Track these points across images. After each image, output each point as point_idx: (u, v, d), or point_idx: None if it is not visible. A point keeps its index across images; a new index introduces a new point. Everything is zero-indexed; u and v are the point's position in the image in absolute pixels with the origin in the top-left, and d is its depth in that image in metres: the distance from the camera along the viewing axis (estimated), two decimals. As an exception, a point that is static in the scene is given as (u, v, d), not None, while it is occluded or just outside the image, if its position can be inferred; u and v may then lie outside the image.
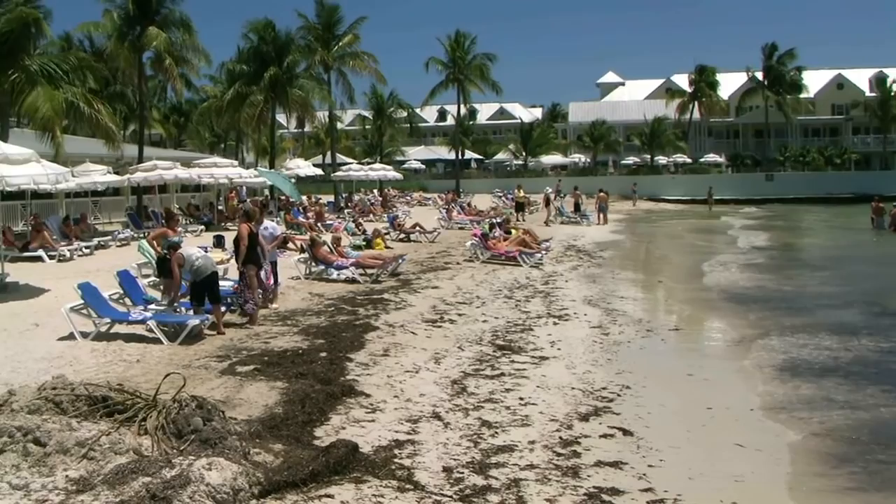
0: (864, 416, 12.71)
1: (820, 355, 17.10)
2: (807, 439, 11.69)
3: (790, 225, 62.81)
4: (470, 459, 9.87)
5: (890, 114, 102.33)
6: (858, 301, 24.75)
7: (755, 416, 12.69)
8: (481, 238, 31.88)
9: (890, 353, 17.52)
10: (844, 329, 19.89)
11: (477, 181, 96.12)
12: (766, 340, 18.59)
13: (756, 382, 14.77)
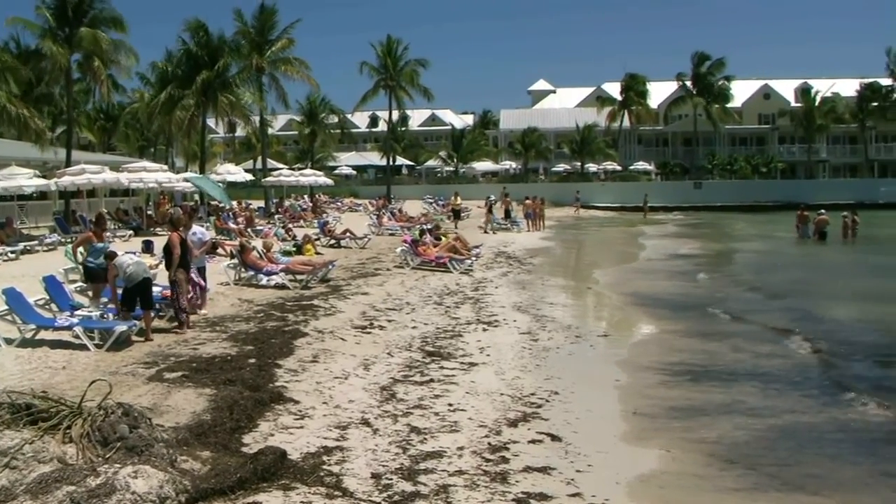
0: (777, 423, 12.92)
1: (741, 361, 17.42)
2: (722, 444, 11.85)
3: (718, 232, 63.51)
4: (399, 466, 9.89)
5: (814, 124, 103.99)
6: (782, 308, 25.18)
7: (677, 422, 12.85)
8: (412, 244, 31.90)
9: (813, 359, 17.83)
10: (769, 335, 20.26)
11: (408, 187, 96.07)
12: (692, 347, 18.87)
13: (680, 389, 14.96)
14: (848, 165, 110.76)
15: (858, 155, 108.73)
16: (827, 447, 11.85)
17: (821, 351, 18.43)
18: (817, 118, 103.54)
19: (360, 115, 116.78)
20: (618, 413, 13.13)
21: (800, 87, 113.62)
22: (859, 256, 43.82)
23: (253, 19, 65.41)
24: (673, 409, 13.53)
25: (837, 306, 25.83)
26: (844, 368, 17.01)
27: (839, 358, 17.84)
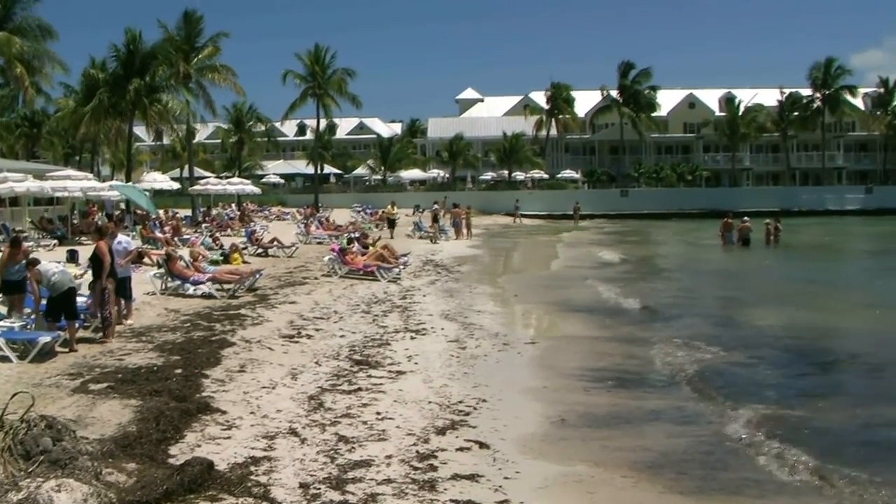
0: (702, 429, 13.10)
1: (666, 366, 17.63)
2: (650, 450, 11.98)
3: (644, 240, 64.22)
4: (327, 475, 9.89)
5: (738, 133, 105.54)
6: (706, 314, 25.55)
7: (605, 428, 12.98)
8: (339, 253, 31.86)
9: (742, 364, 18.13)
10: (692, 340, 20.51)
11: (336, 196, 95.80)
12: (619, 353, 19.07)
13: (607, 395, 15.10)
14: (770, 173, 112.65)
15: (781, 163, 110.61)
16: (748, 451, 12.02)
17: (745, 357, 18.76)
18: (741, 127, 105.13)
19: (287, 124, 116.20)
20: (546, 420, 13.21)
21: (724, 96, 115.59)
22: (781, 263, 44.66)
23: (177, 28, 64.95)
24: (600, 415, 13.65)
25: (759, 312, 26.19)
26: (763, 373, 17.32)
27: (763, 364, 18.14)
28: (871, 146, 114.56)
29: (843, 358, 19.46)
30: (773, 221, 51.94)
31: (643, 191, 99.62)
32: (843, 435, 13.08)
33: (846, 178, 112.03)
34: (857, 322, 24.51)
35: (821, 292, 31.78)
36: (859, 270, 42.37)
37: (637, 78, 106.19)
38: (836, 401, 15.08)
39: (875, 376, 17.51)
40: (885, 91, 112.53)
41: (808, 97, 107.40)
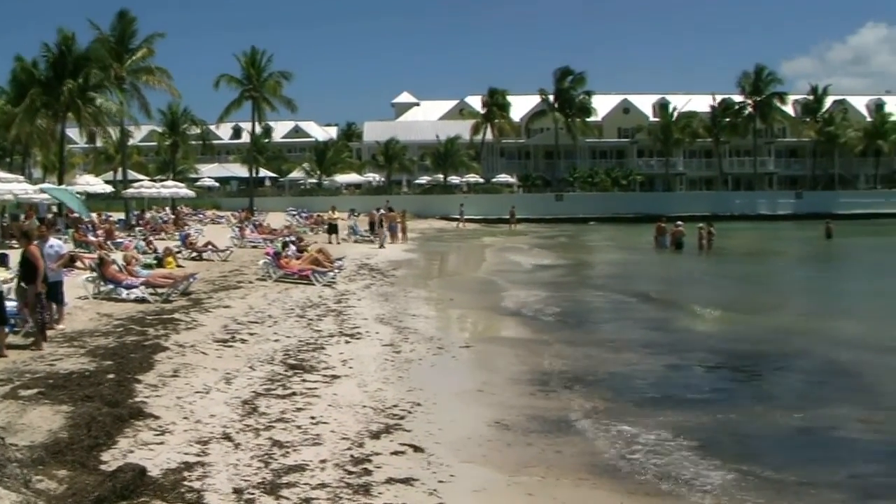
0: (644, 429, 13.23)
1: (601, 368, 17.85)
2: (585, 453, 12.11)
3: (579, 244, 64.64)
4: (261, 480, 9.85)
5: (672, 138, 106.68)
6: (637, 316, 25.84)
7: (539, 430, 13.06)
8: (274, 256, 31.71)
9: (672, 367, 18.38)
10: (623, 343, 20.80)
11: (271, 199, 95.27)
12: (554, 356, 19.19)
13: (542, 398, 15.21)
14: (703, 178, 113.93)
15: (713, 168, 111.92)
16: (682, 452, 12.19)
17: (675, 360, 19.03)
18: (674, 133, 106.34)
19: (222, 127, 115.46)
20: (480, 423, 13.25)
21: (658, 102, 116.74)
22: (713, 267, 45.17)
23: (110, 29, 64.23)
24: (534, 418, 13.73)
25: (688, 316, 26.49)
26: (690, 377, 17.59)
27: (689, 368, 18.42)
28: (801, 152, 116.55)
29: (768, 361, 19.71)
30: (706, 226, 52.47)
31: (578, 195, 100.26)
32: (765, 436, 13.30)
33: (777, 183, 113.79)
34: (783, 326, 24.85)
35: (751, 296, 32.32)
36: (789, 275, 43.07)
37: (572, 83, 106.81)
38: (759, 403, 15.29)
39: (799, 379, 17.80)
40: (814, 98, 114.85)
41: (739, 103, 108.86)
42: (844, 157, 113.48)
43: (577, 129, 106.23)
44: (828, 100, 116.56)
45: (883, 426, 13.85)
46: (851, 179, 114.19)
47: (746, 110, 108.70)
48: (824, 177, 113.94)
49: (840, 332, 23.53)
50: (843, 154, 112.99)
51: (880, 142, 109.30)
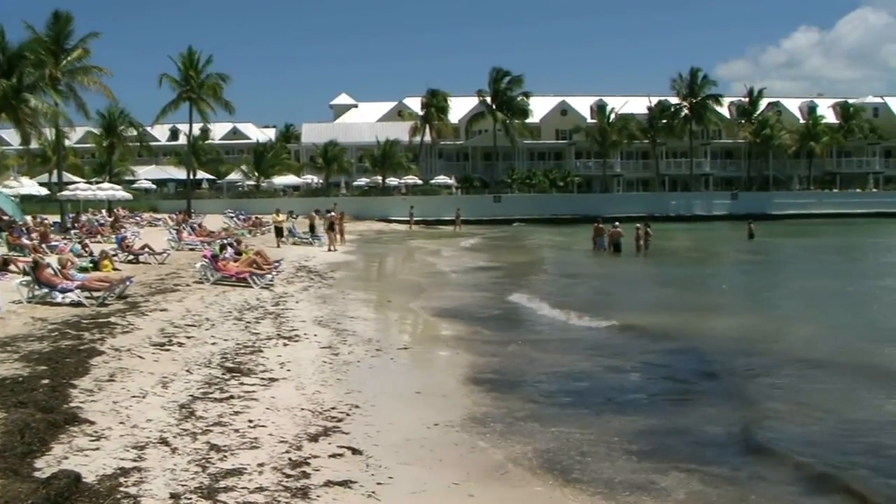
0: (585, 430, 13.34)
1: (539, 369, 17.96)
2: (525, 454, 12.15)
3: (517, 245, 64.92)
4: (198, 484, 9.77)
5: (609, 140, 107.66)
6: (574, 318, 25.97)
7: (478, 431, 13.12)
8: (211, 259, 31.48)
9: (611, 368, 18.52)
10: (560, 344, 20.96)
11: (209, 201, 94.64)
12: (492, 357, 19.30)
13: (481, 398, 15.27)
14: (640, 180, 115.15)
15: (650, 170, 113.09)
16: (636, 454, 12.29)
17: (613, 361, 19.19)
18: (612, 134, 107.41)
19: (160, 129, 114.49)
20: (419, 425, 13.27)
21: (595, 104, 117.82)
22: (649, 267, 45.74)
23: (46, 28, 63.41)
24: (474, 419, 13.78)
25: (627, 315, 26.69)
26: (626, 378, 17.74)
27: (625, 369, 18.57)
28: (737, 153, 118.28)
29: (705, 360, 19.90)
30: (643, 227, 52.97)
31: (516, 196, 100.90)
32: (703, 434, 13.46)
33: (713, 184, 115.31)
34: (718, 325, 25.25)
35: (685, 296, 32.72)
36: (725, 274, 43.59)
37: (509, 85, 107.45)
38: (698, 404, 15.47)
39: (732, 377, 17.99)
40: (748, 101, 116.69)
41: (676, 106, 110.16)
42: (778, 158, 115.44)
43: (515, 130, 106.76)
44: (762, 102, 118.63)
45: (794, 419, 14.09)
46: (785, 180, 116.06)
47: (682, 112, 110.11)
48: (759, 178, 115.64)
49: (757, 331, 23.93)
50: (777, 156, 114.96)
51: (813, 144, 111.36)
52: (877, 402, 15.42)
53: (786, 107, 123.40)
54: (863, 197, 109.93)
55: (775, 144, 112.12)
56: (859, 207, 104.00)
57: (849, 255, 54.33)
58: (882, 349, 20.41)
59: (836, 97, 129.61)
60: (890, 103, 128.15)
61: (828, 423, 14.12)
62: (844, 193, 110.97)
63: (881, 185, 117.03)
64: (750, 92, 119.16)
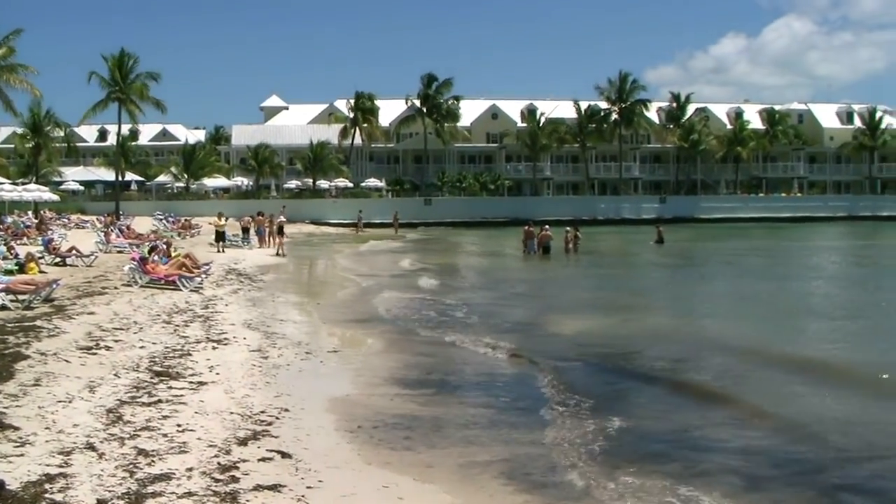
0: (508, 435, 13.44)
1: (466, 369, 18.11)
2: (452, 456, 12.25)
3: (448, 248, 65.15)
4: (126, 490, 9.69)
5: (539, 143, 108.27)
6: (506, 319, 26.20)
7: (406, 434, 13.17)
8: (140, 262, 31.19)
9: (537, 367, 18.65)
10: (491, 345, 21.11)
11: (137, 203, 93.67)
12: (422, 360, 19.40)
13: (408, 402, 15.33)
14: (570, 183, 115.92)
15: (580, 174, 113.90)
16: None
17: (544, 360, 19.32)
18: (542, 138, 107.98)
19: (88, 129, 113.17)
20: (349, 427, 13.30)
21: (526, 108, 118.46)
22: (579, 270, 46.14)
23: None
24: (404, 419, 13.87)
25: (556, 317, 26.96)
26: (560, 376, 17.85)
27: (555, 368, 18.69)
28: (665, 158, 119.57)
29: (642, 361, 20.13)
30: (573, 230, 53.45)
31: (447, 199, 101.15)
32: (634, 436, 13.61)
33: (642, 188, 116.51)
34: (646, 326, 25.54)
35: (614, 297, 33.10)
36: (652, 276, 44.14)
37: (440, 88, 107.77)
38: (633, 404, 15.66)
39: (659, 377, 18.24)
40: (676, 106, 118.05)
41: (605, 110, 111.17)
42: (706, 163, 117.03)
43: (446, 133, 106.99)
44: (690, 107, 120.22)
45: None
46: (713, 184, 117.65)
47: (612, 117, 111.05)
48: (687, 182, 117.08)
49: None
50: (705, 160, 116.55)
51: (739, 149, 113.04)
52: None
53: (713, 112, 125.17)
54: (788, 201, 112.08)
55: (702, 149, 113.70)
56: (784, 211, 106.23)
57: (770, 257, 55.22)
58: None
59: (762, 103, 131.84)
60: (814, 110, 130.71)
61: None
62: (770, 198, 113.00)
63: (805, 189, 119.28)
64: (678, 97, 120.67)
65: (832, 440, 13.33)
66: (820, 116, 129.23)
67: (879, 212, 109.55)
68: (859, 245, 69.01)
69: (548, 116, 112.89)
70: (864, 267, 49.62)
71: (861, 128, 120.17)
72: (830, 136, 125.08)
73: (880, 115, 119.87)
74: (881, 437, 13.75)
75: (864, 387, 17.26)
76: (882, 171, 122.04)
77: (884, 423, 14.46)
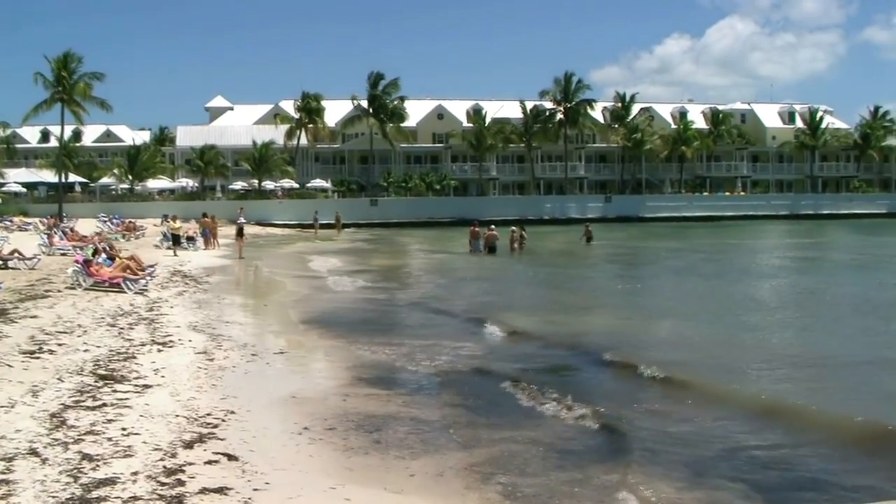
0: (463, 430, 13.49)
1: (411, 368, 18.23)
2: (403, 456, 12.30)
3: (394, 248, 65.19)
4: (70, 496, 9.61)
5: (485, 144, 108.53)
6: (453, 316, 26.38)
7: (354, 434, 13.19)
8: (84, 264, 30.90)
9: (488, 370, 18.72)
10: (435, 346, 21.17)
11: (81, 205, 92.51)
12: (369, 360, 19.43)
13: (358, 402, 15.33)
14: (516, 183, 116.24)
15: (526, 173, 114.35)
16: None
17: (492, 359, 19.42)
18: (488, 138, 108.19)
19: (30, 131, 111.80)
20: (295, 429, 13.28)
21: (472, 108, 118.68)
22: (525, 269, 46.37)
23: None
24: (350, 421, 13.88)
25: (505, 315, 27.05)
26: (502, 372, 17.99)
27: (504, 365, 18.78)
28: (610, 157, 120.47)
29: (587, 357, 20.30)
30: (519, 229, 53.68)
31: (393, 200, 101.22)
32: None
33: (587, 187, 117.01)
34: (590, 323, 25.80)
35: (558, 296, 33.34)
36: (597, 275, 44.44)
37: (387, 88, 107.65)
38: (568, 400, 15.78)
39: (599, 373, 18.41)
40: (621, 106, 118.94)
41: (550, 110, 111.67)
42: (651, 162, 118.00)
43: (391, 134, 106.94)
44: (635, 107, 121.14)
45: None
46: (658, 184, 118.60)
47: (557, 116, 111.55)
48: (632, 181, 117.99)
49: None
50: (650, 159, 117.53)
51: (684, 148, 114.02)
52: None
53: (658, 112, 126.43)
54: (731, 200, 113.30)
55: (647, 149, 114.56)
56: (728, 210, 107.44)
57: (710, 256, 55.80)
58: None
59: (706, 103, 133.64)
60: (756, 109, 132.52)
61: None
62: (714, 197, 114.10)
63: (748, 188, 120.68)
64: (622, 97, 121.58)
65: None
66: (762, 116, 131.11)
67: (820, 210, 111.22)
68: (800, 243, 70.05)
69: (493, 116, 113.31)
70: (802, 262, 50.45)
71: (802, 128, 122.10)
72: (773, 136, 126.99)
73: (821, 115, 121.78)
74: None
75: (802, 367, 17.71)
76: (823, 170, 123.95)
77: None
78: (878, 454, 12.64)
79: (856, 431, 13.56)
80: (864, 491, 10.99)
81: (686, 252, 57.72)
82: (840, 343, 22.34)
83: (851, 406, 14.92)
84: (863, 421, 13.95)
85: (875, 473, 11.94)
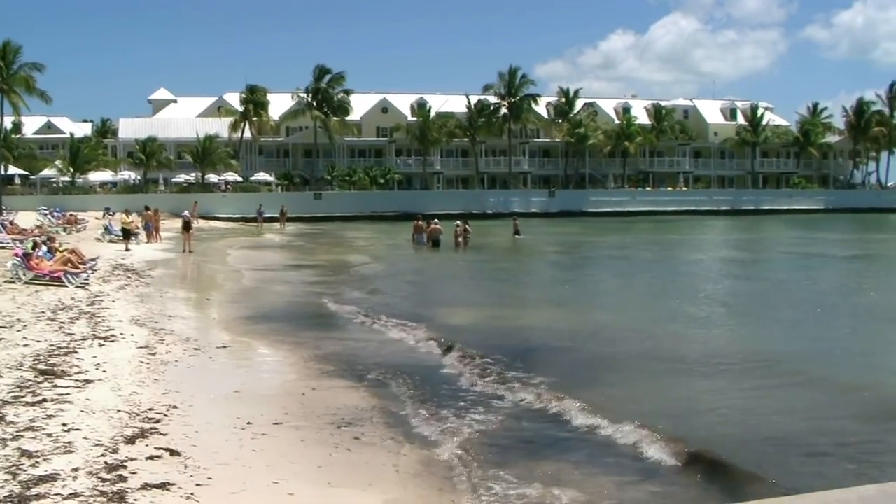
0: (412, 423, 13.53)
1: (356, 362, 18.26)
2: (341, 449, 12.33)
3: (338, 242, 65.04)
4: (8, 493, 9.49)
5: (429, 137, 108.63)
6: (398, 310, 26.41)
7: (298, 429, 13.18)
8: (23, 258, 30.53)
9: (430, 364, 18.79)
10: (378, 340, 21.31)
11: (21, 198, 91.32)
12: (316, 354, 19.47)
13: (298, 395, 15.33)
14: (460, 177, 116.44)
15: (470, 168, 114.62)
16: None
17: (431, 353, 19.52)
18: (432, 132, 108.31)
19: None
20: (239, 423, 13.21)
21: (416, 102, 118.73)
22: (468, 263, 46.61)
23: None
24: (295, 415, 13.88)
25: (447, 310, 27.19)
26: (450, 366, 18.05)
27: (448, 362, 18.87)
28: (554, 152, 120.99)
29: (538, 349, 20.45)
30: (462, 223, 53.81)
31: (337, 193, 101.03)
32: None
33: (531, 182, 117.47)
34: (535, 318, 25.97)
35: (500, 290, 33.60)
36: (541, 268, 44.78)
37: (331, 82, 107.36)
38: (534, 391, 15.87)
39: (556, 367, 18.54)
40: (565, 101, 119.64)
41: (494, 104, 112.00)
42: (594, 157, 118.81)
43: (335, 127, 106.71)
44: (578, 102, 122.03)
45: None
46: (601, 179, 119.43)
47: (501, 111, 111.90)
48: (576, 176, 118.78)
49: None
50: (593, 154, 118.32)
51: (627, 143, 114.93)
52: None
53: (601, 107, 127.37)
54: (674, 195, 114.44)
55: (590, 144, 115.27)
56: (670, 205, 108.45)
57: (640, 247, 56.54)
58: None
59: (649, 99, 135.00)
60: (699, 106, 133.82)
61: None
62: (657, 192, 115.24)
63: (690, 183, 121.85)
64: (566, 92, 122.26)
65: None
66: (705, 112, 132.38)
67: (761, 205, 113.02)
68: (738, 239, 70.98)
69: (438, 110, 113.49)
70: (737, 254, 51.17)
71: (744, 124, 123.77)
72: (715, 132, 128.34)
73: (762, 111, 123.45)
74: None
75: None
76: (763, 165, 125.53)
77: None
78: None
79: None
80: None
81: (623, 245, 58.38)
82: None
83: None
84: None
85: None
